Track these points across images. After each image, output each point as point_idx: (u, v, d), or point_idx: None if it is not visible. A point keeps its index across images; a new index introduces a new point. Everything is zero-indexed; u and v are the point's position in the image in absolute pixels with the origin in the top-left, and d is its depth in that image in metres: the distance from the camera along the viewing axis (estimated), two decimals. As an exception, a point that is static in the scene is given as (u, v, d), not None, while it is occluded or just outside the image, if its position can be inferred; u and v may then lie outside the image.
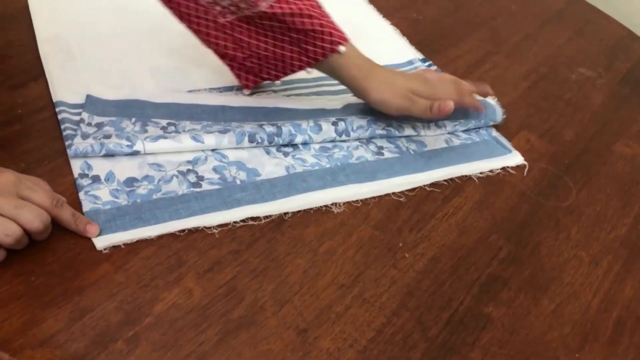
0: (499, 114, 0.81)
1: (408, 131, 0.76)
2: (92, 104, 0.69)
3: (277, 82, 0.75)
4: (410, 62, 0.91)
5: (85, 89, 0.72)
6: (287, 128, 0.70)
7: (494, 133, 0.81)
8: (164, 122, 0.69)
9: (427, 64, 0.92)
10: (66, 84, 0.72)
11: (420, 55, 0.93)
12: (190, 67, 0.79)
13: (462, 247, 0.65)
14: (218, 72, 0.80)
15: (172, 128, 0.68)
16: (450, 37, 1.00)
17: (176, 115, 0.71)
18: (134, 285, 0.54)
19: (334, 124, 0.72)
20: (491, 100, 0.83)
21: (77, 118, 0.68)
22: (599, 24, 1.13)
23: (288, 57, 0.72)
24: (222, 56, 0.74)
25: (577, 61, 1.01)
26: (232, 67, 0.75)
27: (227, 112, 0.73)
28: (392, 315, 0.57)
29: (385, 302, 0.58)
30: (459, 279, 0.61)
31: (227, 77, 0.79)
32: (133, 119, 0.68)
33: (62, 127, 0.67)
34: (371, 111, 0.75)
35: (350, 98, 0.77)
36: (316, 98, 0.78)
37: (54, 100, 0.70)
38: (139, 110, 0.70)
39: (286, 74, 0.74)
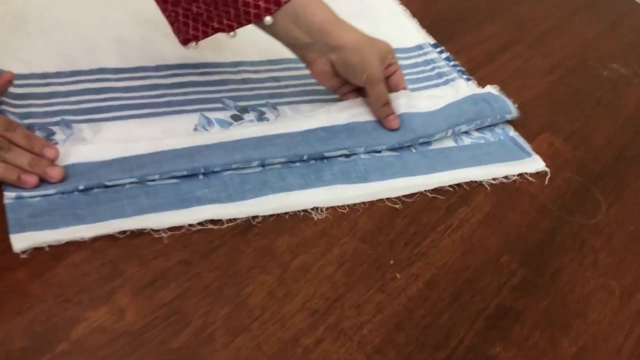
0: (511, 106, 0.69)
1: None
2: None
3: (231, 34, 0.59)
4: (419, 47, 0.80)
5: (35, 57, 0.62)
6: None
7: (512, 132, 0.69)
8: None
9: (438, 49, 0.80)
10: (11, 51, 0.62)
11: (431, 40, 0.82)
12: (162, 40, 0.68)
13: (466, 269, 0.54)
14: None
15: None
16: (467, 21, 0.88)
17: (140, 168, 0.53)
18: (52, 299, 0.43)
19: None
20: (494, 91, 0.70)
21: (18, 91, 0.58)
22: (635, 17, 1.01)
23: (242, 2, 0.56)
24: (163, 1, 0.59)
25: (610, 56, 0.89)
26: (175, 15, 0.59)
27: (203, 154, 0.55)
28: (375, 353, 0.46)
29: (366, 335, 0.47)
30: (461, 310, 0.50)
31: (205, 52, 0.68)
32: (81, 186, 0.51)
33: (-3, 99, 0.56)
34: (379, 126, 0.63)
35: (355, 109, 0.63)
36: (312, 111, 0.63)
37: (-7, 68, 0.59)
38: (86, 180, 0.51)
39: (241, 24, 0.58)
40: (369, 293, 0.49)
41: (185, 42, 0.61)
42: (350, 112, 0.62)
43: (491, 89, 0.71)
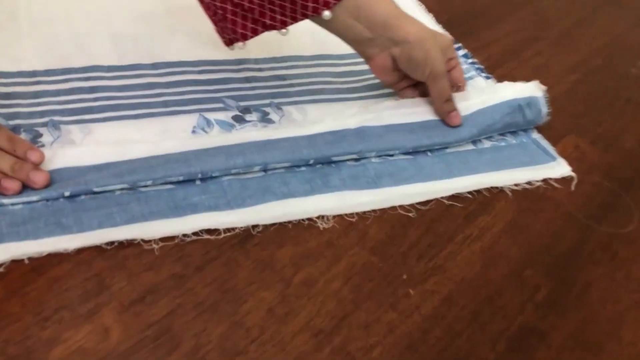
0: (545, 113, 0.64)
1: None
2: None
3: (284, 31, 0.56)
4: (434, 44, 0.75)
5: (24, 54, 0.58)
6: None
7: (535, 135, 0.64)
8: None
9: (455, 46, 0.75)
10: (1, 47, 0.58)
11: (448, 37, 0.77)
12: (160, 36, 0.64)
13: (486, 285, 0.49)
14: (194, 42, 0.65)
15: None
16: (486, 17, 0.84)
17: (132, 173, 0.49)
18: (29, 317, 0.40)
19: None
20: (535, 88, 0.63)
21: (4, 90, 0.54)
22: (665, 12, 0.95)
23: None
24: None
25: (638, 53, 0.83)
26: (223, 12, 0.55)
27: (201, 158, 0.51)
28: (385, 378, 0.41)
29: (376, 358, 0.42)
30: (481, 330, 0.45)
31: (205, 49, 0.64)
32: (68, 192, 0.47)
33: (-18, 99, 0.52)
34: (393, 130, 0.58)
35: (367, 115, 0.58)
36: (320, 117, 0.58)
37: (-21, 66, 0.56)
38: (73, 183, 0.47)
39: (296, 19, 0.55)
40: (379, 311, 0.45)
41: (230, 42, 0.57)
42: (361, 118, 0.58)
43: (535, 89, 0.63)
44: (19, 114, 0.52)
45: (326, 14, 0.54)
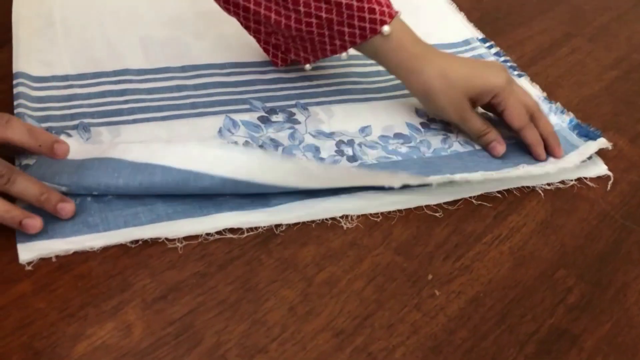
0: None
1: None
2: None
3: (307, 66, 0.61)
4: (466, 42, 0.74)
5: (57, 59, 0.60)
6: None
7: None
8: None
9: (487, 44, 0.74)
10: (34, 52, 0.60)
11: (479, 35, 0.75)
12: (188, 40, 0.65)
13: (516, 285, 0.47)
14: (222, 45, 0.65)
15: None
16: (519, 14, 0.82)
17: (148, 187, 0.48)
18: (55, 313, 0.40)
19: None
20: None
21: (37, 94, 0.56)
22: None
23: (317, 40, 0.57)
24: (246, 27, 0.60)
25: (682, 49, 0.80)
26: (257, 40, 0.62)
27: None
28: (408, 379, 0.40)
29: (399, 359, 0.41)
30: (509, 332, 0.44)
31: (233, 52, 0.65)
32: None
33: (15, 103, 0.54)
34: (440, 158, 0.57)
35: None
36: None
37: (14, 70, 0.57)
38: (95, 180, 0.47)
39: (317, 58, 0.60)
40: (402, 311, 0.44)
41: (284, 62, 0.63)
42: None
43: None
44: (50, 117, 0.54)
45: (343, 55, 0.58)
